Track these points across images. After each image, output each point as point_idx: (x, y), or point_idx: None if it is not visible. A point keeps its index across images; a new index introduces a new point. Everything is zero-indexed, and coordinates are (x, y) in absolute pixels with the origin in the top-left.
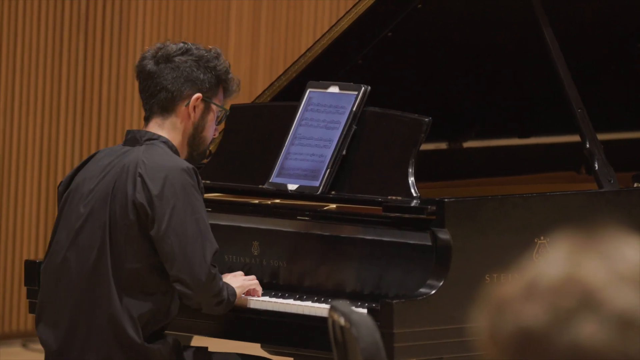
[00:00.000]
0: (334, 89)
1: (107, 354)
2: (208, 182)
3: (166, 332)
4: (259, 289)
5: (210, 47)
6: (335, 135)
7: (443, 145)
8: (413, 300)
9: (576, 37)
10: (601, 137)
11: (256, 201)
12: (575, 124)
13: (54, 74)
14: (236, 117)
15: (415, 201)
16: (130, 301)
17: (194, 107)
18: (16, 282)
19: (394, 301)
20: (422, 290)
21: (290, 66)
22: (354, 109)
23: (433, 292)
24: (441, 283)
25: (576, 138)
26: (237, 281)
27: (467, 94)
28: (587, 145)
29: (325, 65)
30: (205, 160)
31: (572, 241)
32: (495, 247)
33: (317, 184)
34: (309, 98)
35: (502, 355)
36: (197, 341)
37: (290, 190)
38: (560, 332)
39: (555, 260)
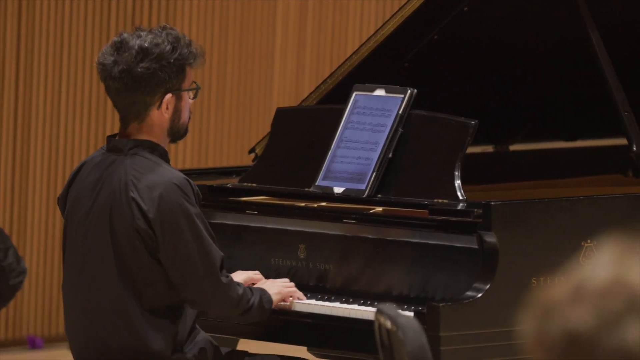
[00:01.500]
0: (380, 92)
1: None
2: (254, 185)
3: (208, 334)
4: (300, 294)
5: (162, 28)
6: (382, 138)
7: (489, 148)
8: (459, 304)
9: (622, 39)
10: None
11: (302, 204)
12: (622, 126)
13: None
14: (282, 120)
15: (461, 204)
16: (154, 317)
17: (167, 106)
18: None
19: (441, 304)
20: (469, 293)
21: (337, 69)
22: (400, 112)
23: (479, 295)
24: (487, 286)
25: (623, 141)
26: (275, 287)
27: (513, 97)
28: (634, 148)
29: (372, 68)
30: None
31: (619, 244)
32: (542, 250)
33: (363, 187)
34: (355, 101)
35: (548, 358)
36: (243, 344)
37: (337, 193)
38: (607, 336)
39: (602, 263)
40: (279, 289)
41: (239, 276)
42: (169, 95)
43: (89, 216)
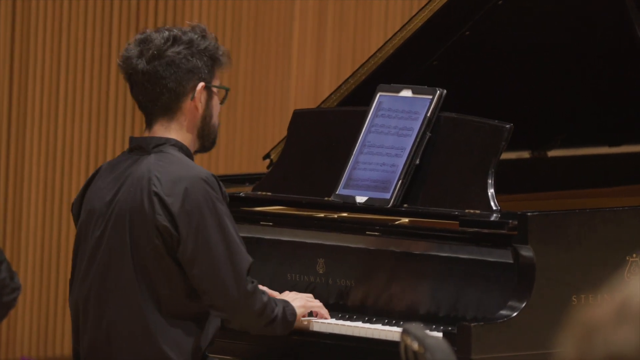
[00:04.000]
0: (406, 93)
1: None
2: (269, 194)
3: (221, 356)
4: (325, 312)
5: (189, 24)
6: (408, 143)
7: (525, 154)
8: (493, 324)
9: None
10: None
11: (321, 215)
12: None
13: (102, 75)
14: (299, 123)
15: (495, 215)
16: (173, 328)
17: (200, 98)
18: (61, 303)
19: (472, 324)
20: (503, 312)
21: (359, 68)
22: (429, 114)
23: (515, 314)
24: (523, 305)
25: None
26: (300, 300)
27: (552, 99)
28: None
29: (397, 67)
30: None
31: None
32: (583, 266)
33: (388, 196)
34: (379, 103)
35: None
36: None
37: (359, 203)
38: None
39: None
40: (303, 301)
41: None
42: (201, 84)
43: (106, 217)
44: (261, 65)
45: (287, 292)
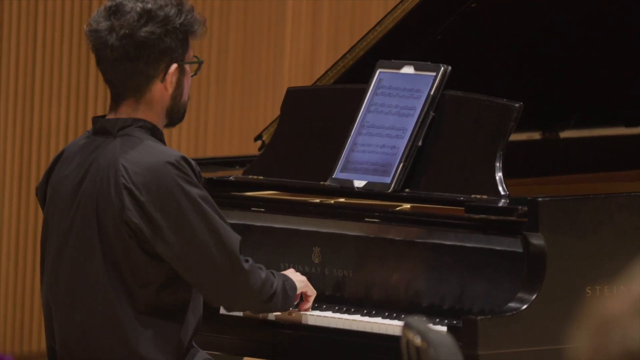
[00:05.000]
0: (408, 70)
1: None
2: (261, 178)
3: (207, 351)
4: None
5: None
6: (410, 123)
7: (536, 136)
8: (501, 317)
9: None
10: None
11: (317, 200)
12: None
13: (81, 52)
14: (293, 102)
15: (503, 200)
16: (148, 323)
17: (171, 79)
18: (37, 297)
19: (479, 317)
20: (512, 305)
21: (357, 43)
22: (432, 92)
23: (524, 307)
24: (534, 297)
25: None
26: (298, 275)
27: (565, 75)
28: None
29: (398, 41)
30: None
31: None
32: (598, 255)
33: (388, 180)
34: (379, 80)
35: None
36: None
37: (357, 187)
38: None
39: None
40: (301, 277)
41: None
42: (174, 66)
43: (72, 208)
44: (252, 40)
45: (284, 271)
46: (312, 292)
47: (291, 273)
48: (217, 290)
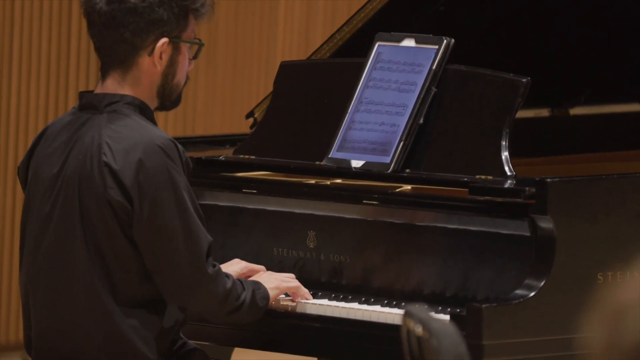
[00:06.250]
0: (409, 43)
1: None
2: (253, 157)
3: (196, 342)
4: (305, 292)
5: None
6: (411, 99)
7: (544, 112)
8: (507, 305)
9: None
10: None
11: (312, 181)
12: None
13: (62, 26)
14: (287, 77)
15: (509, 181)
16: (131, 313)
17: (160, 55)
18: (15, 287)
19: (484, 305)
20: (519, 292)
21: (355, 14)
22: (434, 67)
23: (532, 294)
24: (542, 283)
25: None
26: (273, 281)
27: (575, 49)
28: None
29: (399, 13)
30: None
31: None
32: (610, 239)
33: (387, 160)
34: (378, 54)
35: None
36: (239, 355)
37: (355, 167)
38: None
39: None
40: (277, 282)
41: (235, 266)
42: (164, 40)
43: (55, 188)
44: (245, 12)
45: (261, 273)
46: (296, 289)
47: (266, 277)
48: (173, 287)
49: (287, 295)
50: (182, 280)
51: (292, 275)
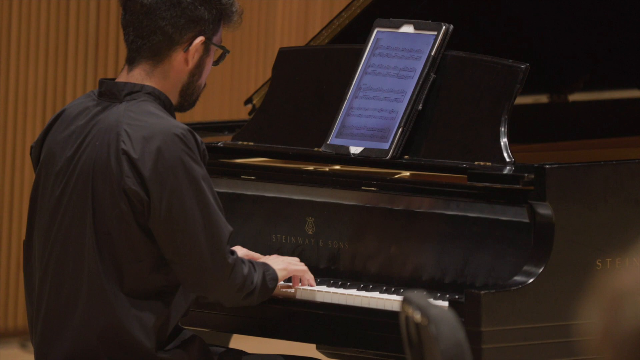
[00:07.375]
0: (407, 29)
1: None
2: (251, 144)
3: (194, 328)
4: (311, 277)
5: None
6: (410, 85)
7: (543, 99)
8: (506, 291)
9: None
10: None
11: (311, 168)
12: None
13: (60, 10)
14: (286, 63)
15: (508, 168)
16: (138, 305)
17: (194, 53)
18: (13, 273)
19: (482, 292)
20: (517, 278)
21: (354, 0)
22: (433, 53)
23: (531, 280)
24: (541, 270)
25: None
26: (280, 262)
27: (574, 35)
28: None
29: None
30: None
31: None
32: (609, 225)
33: (386, 146)
34: (377, 40)
35: (618, 359)
36: (238, 341)
37: (353, 154)
38: None
39: None
40: (284, 264)
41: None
42: (201, 39)
43: (68, 171)
44: None
45: (267, 256)
46: (302, 272)
47: (273, 259)
48: (194, 277)
49: (285, 282)
50: (204, 271)
51: (298, 260)
